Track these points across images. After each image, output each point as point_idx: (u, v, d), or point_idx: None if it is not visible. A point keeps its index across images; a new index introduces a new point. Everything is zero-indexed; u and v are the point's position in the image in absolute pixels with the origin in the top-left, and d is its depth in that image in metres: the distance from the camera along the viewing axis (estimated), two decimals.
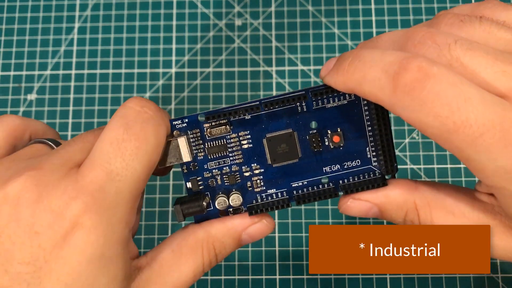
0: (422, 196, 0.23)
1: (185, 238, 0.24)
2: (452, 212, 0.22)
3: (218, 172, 0.24)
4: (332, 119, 0.24)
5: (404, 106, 0.19)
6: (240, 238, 0.24)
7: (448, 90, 0.19)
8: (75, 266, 0.20)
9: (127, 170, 0.21)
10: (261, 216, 0.24)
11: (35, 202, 0.20)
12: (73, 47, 0.43)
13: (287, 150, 0.24)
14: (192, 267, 0.23)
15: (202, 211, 0.24)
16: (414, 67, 0.19)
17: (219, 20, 0.44)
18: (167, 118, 0.23)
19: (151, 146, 0.21)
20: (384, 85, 0.20)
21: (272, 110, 0.24)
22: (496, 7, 0.22)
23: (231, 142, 0.24)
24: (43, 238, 0.19)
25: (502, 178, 0.19)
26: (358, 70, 0.21)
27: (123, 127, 0.21)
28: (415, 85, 0.19)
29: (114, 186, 0.20)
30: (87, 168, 0.21)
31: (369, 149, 0.24)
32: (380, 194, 0.23)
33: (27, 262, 0.19)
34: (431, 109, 0.19)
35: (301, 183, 0.24)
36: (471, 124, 0.18)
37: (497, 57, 0.20)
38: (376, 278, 0.38)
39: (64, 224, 0.20)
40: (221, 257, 0.24)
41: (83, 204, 0.20)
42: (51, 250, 0.19)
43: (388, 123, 0.24)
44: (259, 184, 0.24)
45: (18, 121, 0.25)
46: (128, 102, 0.22)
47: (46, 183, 0.20)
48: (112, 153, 0.21)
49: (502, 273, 0.37)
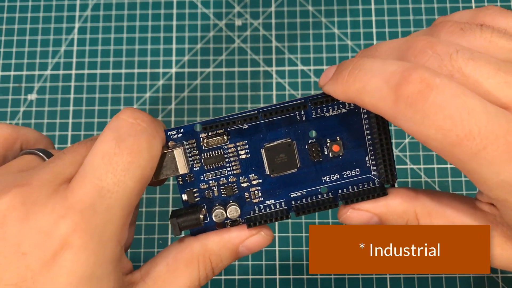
0: (422, 206, 0.23)
1: (181, 252, 0.23)
2: (452, 221, 0.22)
3: (215, 183, 0.24)
4: (331, 128, 0.23)
5: (406, 118, 0.19)
6: (238, 251, 0.24)
7: (450, 102, 0.18)
8: (65, 286, 0.19)
9: (118, 187, 0.20)
10: (259, 228, 0.24)
11: (22, 221, 0.19)
12: (73, 47, 0.43)
13: (286, 160, 0.23)
14: (188, 282, 0.23)
15: (199, 224, 0.23)
16: (416, 78, 0.19)
17: (219, 20, 0.44)
18: (161, 129, 0.22)
19: (144, 160, 0.21)
20: (386, 96, 0.19)
21: (270, 119, 0.23)
22: (496, 14, 0.21)
23: (228, 152, 0.23)
24: (30, 258, 0.19)
25: (505, 191, 0.19)
26: (358, 79, 0.20)
27: (115, 140, 0.20)
28: (417, 97, 0.18)
29: (105, 203, 0.20)
30: (77, 184, 0.20)
31: (368, 158, 0.24)
32: (380, 204, 0.23)
33: (14, 283, 0.19)
34: (434, 122, 0.18)
35: (299, 193, 0.24)
36: (474, 137, 0.18)
37: (500, 67, 0.19)
38: (376, 278, 0.38)
39: (52, 243, 0.19)
40: (218, 270, 0.23)
41: (72, 223, 0.19)
42: (40, 270, 0.19)
43: (388, 132, 0.23)
44: (257, 195, 0.24)
45: (8, 130, 0.24)
46: (121, 113, 0.21)
47: (34, 200, 0.19)
48: (103, 168, 0.20)
49: (502, 273, 0.37)
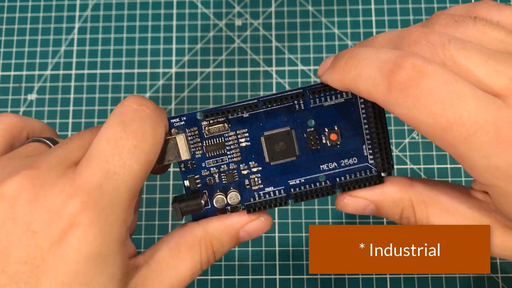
0: (417, 193, 0.23)
1: (183, 236, 0.24)
2: (447, 209, 0.22)
3: (216, 170, 0.24)
4: (329, 117, 0.24)
5: (398, 103, 0.20)
6: (238, 236, 0.24)
7: (441, 87, 0.19)
8: (73, 264, 0.20)
9: (124, 169, 0.21)
10: (259, 214, 0.24)
11: (32, 201, 0.20)
12: (73, 47, 0.43)
13: (285, 148, 0.24)
14: (190, 265, 0.23)
15: (200, 209, 0.24)
16: (409, 65, 0.19)
17: (219, 20, 0.44)
18: (165, 116, 0.23)
19: (149, 144, 0.21)
20: (379, 83, 0.20)
21: (270, 108, 0.24)
22: (491, 7, 0.22)
23: (229, 140, 0.24)
24: (40, 237, 0.19)
25: (494, 176, 0.19)
26: (354, 68, 0.21)
27: (121, 125, 0.21)
28: (409, 82, 0.19)
29: (111, 184, 0.20)
30: (84, 167, 0.21)
31: (365, 147, 0.24)
32: (376, 191, 0.24)
33: (24, 261, 0.19)
34: (425, 107, 0.19)
35: (298, 181, 0.25)
36: (464, 122, 0.19)
37: (490, 56, 0.20)
38: (376, 278, 0.38)
39: (61, 223, 0.20)
40: (219, 255, 0.24)
41: (80, 203, 0.20)
42: (48, 249, 0.19)
43: (385, 121, 0.24)
44: (256, 182, 0.25)
45: (15, 119, 0.25)
46: (126, 100, 0.22)
47: (43, 182, 0.20)
48: (110, 151, 0.21)
49: (502, 273, 0.37)
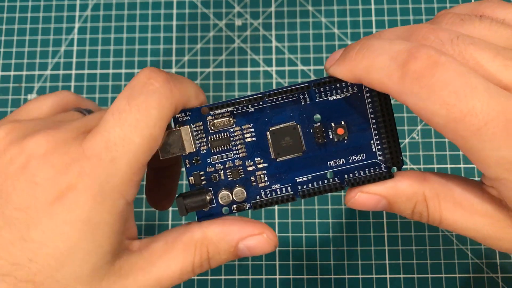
0: (431, 187, 0.23)
1: (181, 234, 0.23)
2: (461, 204, 0.22)
3: (221, 166, 0.24)
4: (335, 112, 0.24)
5: (412, 93, 0.20)
6: (237, 247, 0.23)
7: (456, 78, 0.19)
8: (60, 224, 0.20)
9: (124, 141, 0.21)
10: (262, 228, 0.24)
11: (42, 156, 0.21)
12: (73, 47, 0.43)
13: (291, 143, 0.24)
14: (181, 263, 0.23)
15: (205, 205, 0.23)
16: (423, 55, 0.19)
17: (219, 20, 0.44)
18: (178, 90, 0.22)
19: (153, 119, 0.21)
20: (392, 73, 0.20)
21: (275, 102, 0.23)
22: (496, 6, 0.22)
23: (234, 135, 0.24)
24: (40, 189, 0.20)
25: (503, 169, 0.19)
26: (366, 58, 0.21)
27: (126, 98, 0.21)
28: (423, 72, 0.19)
29: (109, 155, 0.21)
30: (90, 134, 0.21)
31: (373, 142, 0.24)
32: (388, 186, 0.23)
33: (20, 208, 0.20)
34: (439, 97, 0.19)
35: (305, 178, 0.24)
36: (476, 113, 0.19)
37: (499, 51, 0.20)
38: (376, 278, 0.38)
39: (61, 181, 0.20)
40: (214, 262, 0.24)
41: (80, 167, 0.21)
42: (43, 202, 0.20)
43: (392, 115, 0.24)
44: (263, 179, 0.24)
45: (72, 97, 0.28)
46: (139, 73, 0.22)
47: (57, 141, 0.21)
48: (112, 122, 0.21)
49: (502, 273, 0.37)
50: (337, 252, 0.38)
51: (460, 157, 0.40)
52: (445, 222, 0.22)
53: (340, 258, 0.38)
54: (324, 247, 0.38)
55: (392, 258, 0.38)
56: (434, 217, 0.23)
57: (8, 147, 0.22)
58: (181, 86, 0.23)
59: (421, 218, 0.23)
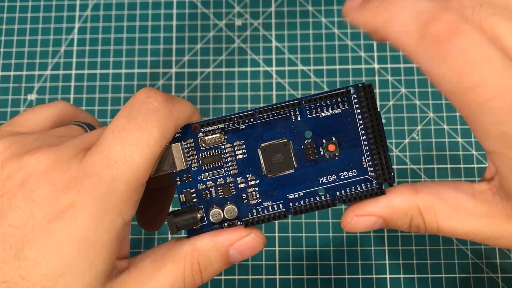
0: (425, 199, 0.23)
1: (170, 249, 0.23)
2: (455, 210, 0.22)
3: (212, 183, 0.24)
4: (326, 128, 0.24)
5: (427, 56, 0.20)
6: (228, 254, 0.23)
7: (474, 48, 0.19)
8: (57, 242, 0.20)
9: (125, 160, 0.20)
10: (250, 230, 0.23)
11: (42, 173, 0.20)
12: (73, 47, 0.43)
13: (282, 160, 0.24)
14: (171, 279, 0.22)
15: (195, 223, 0.23)
16: (446, 19, 0.19)
17: (219, 20, 0.44)
18: (176, 110, 0.22)
19: (153, 138, 0.21)
20: (412, 31, 0.20)
21: (266, 119, 0.23)
22: None
23: (225, 152, 0.24)
24: (36, 207, 0.20)
25: (503, 144, 0.19)
26: (388, 10, 0.21)
27: (126, 116, 0.21)
28: (443, 36, 0.19)
29: (110, 173, 0.20)
30: (90, 152, 0.21)
31: (364, 159, 0.24)
32: (383, 205, 0.23)
33: (16, 225, 0.20)
34: (453, 64, 0.19)
35: (297, 195, 0.24)
36: (487, 86, 0.19)
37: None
38: (376, 278, 0.38)
39: (59, 199, 0.20)
40: (206, 274, 0.23)
41: (80, 185, 0.20)
42: (40, 220, 0.20)
43: (383, 132, 0.23)
44: (254, 196, 0.24)
45: (69, 108, 0.27)
46: (138, 92, 0.22)
47: (57, 158, 0.21)
48: (112, 140, 0.21)
49: (502, 273, 0.37)
50: (337, 252, 0.38)
51: (460, 157, 0.40)
52: (443, 230, 0.22)
53: (340, 258, 0.38)
54: (324, 247, 0.39)
55: (392, 258, 0.38)
56: (431, 228, 0.23)
57: (7, 163, 0.21)
58: (179, 106, 0.22)
59: (418, 230, 0.23)
